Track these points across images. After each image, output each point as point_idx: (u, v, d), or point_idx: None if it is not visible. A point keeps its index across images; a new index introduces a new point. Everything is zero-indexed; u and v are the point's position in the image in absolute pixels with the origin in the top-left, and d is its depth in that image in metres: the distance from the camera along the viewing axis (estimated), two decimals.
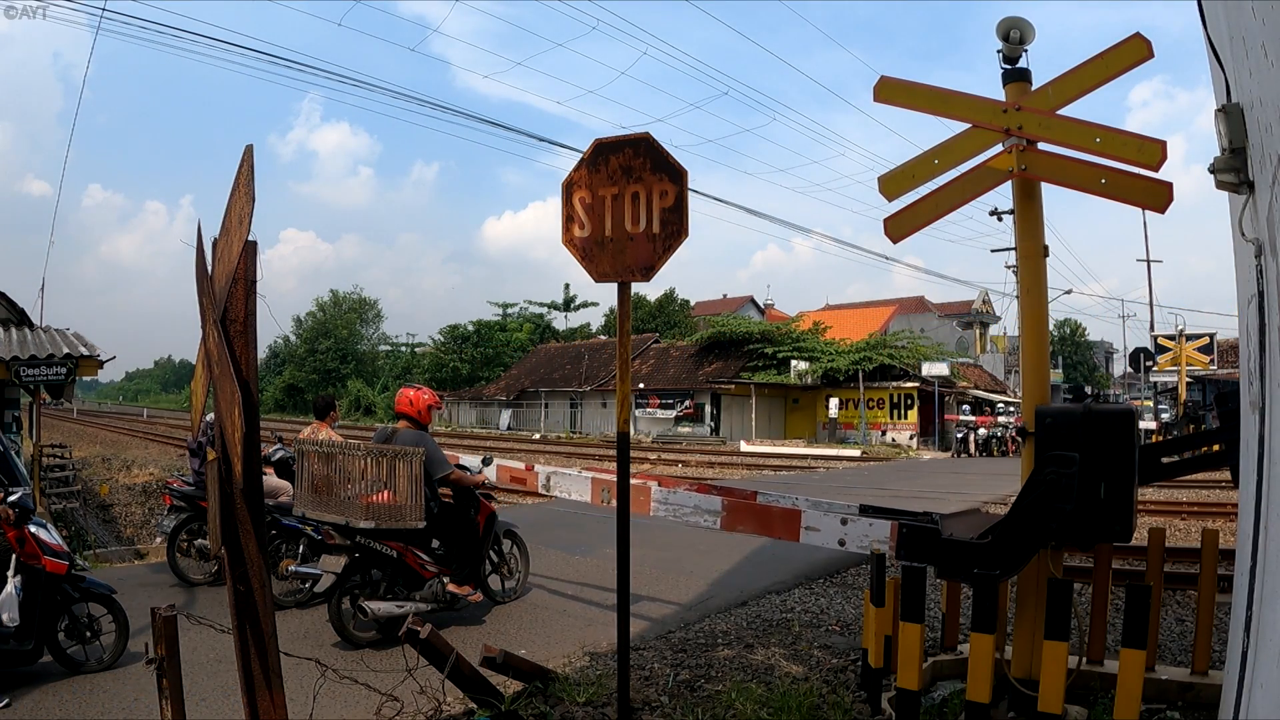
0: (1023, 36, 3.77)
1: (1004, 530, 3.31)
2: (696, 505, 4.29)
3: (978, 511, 4.03)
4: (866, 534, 3.64)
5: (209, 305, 2.48)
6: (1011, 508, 3.38)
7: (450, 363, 53.43)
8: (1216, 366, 27.02)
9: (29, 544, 4.48)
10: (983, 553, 3.27)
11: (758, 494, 4.78)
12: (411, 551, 5.33)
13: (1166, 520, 10.63)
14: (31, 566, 4.49)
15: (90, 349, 10.66)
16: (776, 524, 4.03)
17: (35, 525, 4.56)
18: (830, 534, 3.77)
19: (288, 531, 6.21)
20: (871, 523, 3.64)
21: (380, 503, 5.11)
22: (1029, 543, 3.30)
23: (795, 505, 4.26)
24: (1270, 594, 1.99)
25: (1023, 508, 3.27)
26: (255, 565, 2.40)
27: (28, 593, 4.45)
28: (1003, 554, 3.25)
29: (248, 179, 2.37)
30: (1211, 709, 3.73)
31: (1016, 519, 3.30)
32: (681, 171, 3.64)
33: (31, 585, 4.48)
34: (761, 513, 4.21)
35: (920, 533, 3.47)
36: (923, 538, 3.45)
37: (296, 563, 5.97)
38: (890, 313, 46.60)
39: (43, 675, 4.49)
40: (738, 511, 4.18)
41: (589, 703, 4.01)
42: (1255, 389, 2.29)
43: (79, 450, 25.26)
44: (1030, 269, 3.80)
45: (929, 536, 3.44)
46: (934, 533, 3.44)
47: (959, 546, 3.32)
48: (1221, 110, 2.34)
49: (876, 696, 4.00)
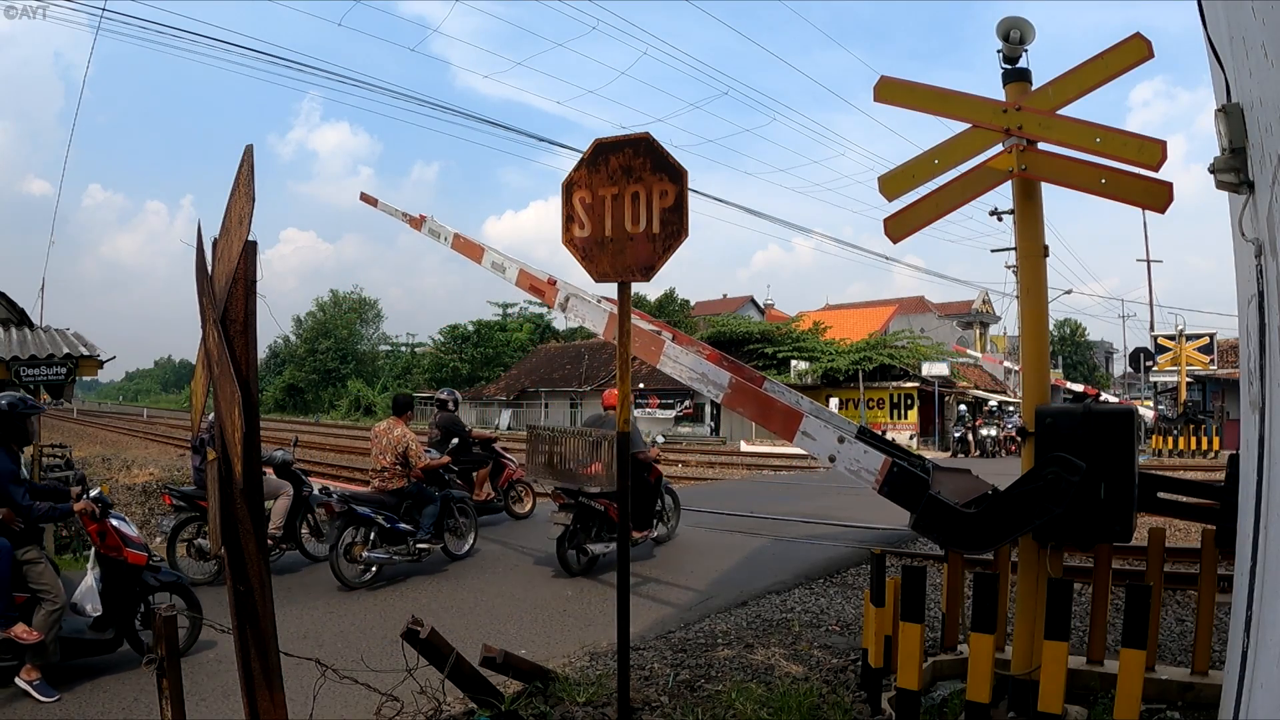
0: (1023, 36, 3.77)
1: (989, 510, 3.32)
2: (705, 374, 4.18)
3: (970, 473, 4.02)
4: (859, 460, 3.59)
5: (209, 305, 2.48)
6: (1004, 492, 3.40)
7: (450, 363, 53.43)
8: (1216, 366, 27.00)
9: (110, 536, 4.68)
10: (962, 523, 3.29)
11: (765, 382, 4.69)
12: (613, 506, 7.03)
13: (1166, 520, 10.61)
14: (112, 558, 4.67)
15: (90, 349, 10.65)
16: (776, 417, 3.95)
17: (115, 519, 4.77)
18: (824, 447, 3.71)
19: (361, 519, 6.77)
20: (866, 450, 3.61)
21: (595, 473, 6.97)
22: (1008, 530, 3.32)
23: (798, 407, 4.16)
24: (1270, 594, 1.99)
25: (1014, 496, 3.29)
26: (255, 565, 2.40)
27: (108, 583, 4.65)
28: (981, 532, 3.27)
29: (248, 179, 2.37)
30: (1211, 709, 3.73)
31: (1005, 505, 3.32)
32: (681, 171, 3.64)
33: (112, 576, 4.68)
34: (764, 402, 4.09)
35: (909, 477, 3.45)
36: (909, 483, 3.44)
37: (367, 548, 6.77)
38: (890, 313, 46.57)
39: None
40: (743, 393, 4.09)
41: (589, 703, 4.01)
42: (1255, 389, 2.29)
43: (79, 450, 25.25)
44: (1030, 269, 3.79)
45: (916, 485, 3.43)
46: (922, 483, 3.42)
47: (942, 508, 3.31)
48: (1221, 110, 2.34)
49: (876, 696, 4.00)
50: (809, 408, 4.31)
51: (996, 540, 3.38)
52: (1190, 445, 23.90)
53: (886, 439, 4.22)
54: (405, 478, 7.22)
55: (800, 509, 11.38)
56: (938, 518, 3.33)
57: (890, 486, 3.47)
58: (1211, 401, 27.66)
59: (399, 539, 6.97)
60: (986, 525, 3.28)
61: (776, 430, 3.93)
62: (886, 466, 3.49)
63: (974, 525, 3.28)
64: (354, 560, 6.70)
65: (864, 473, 3.58)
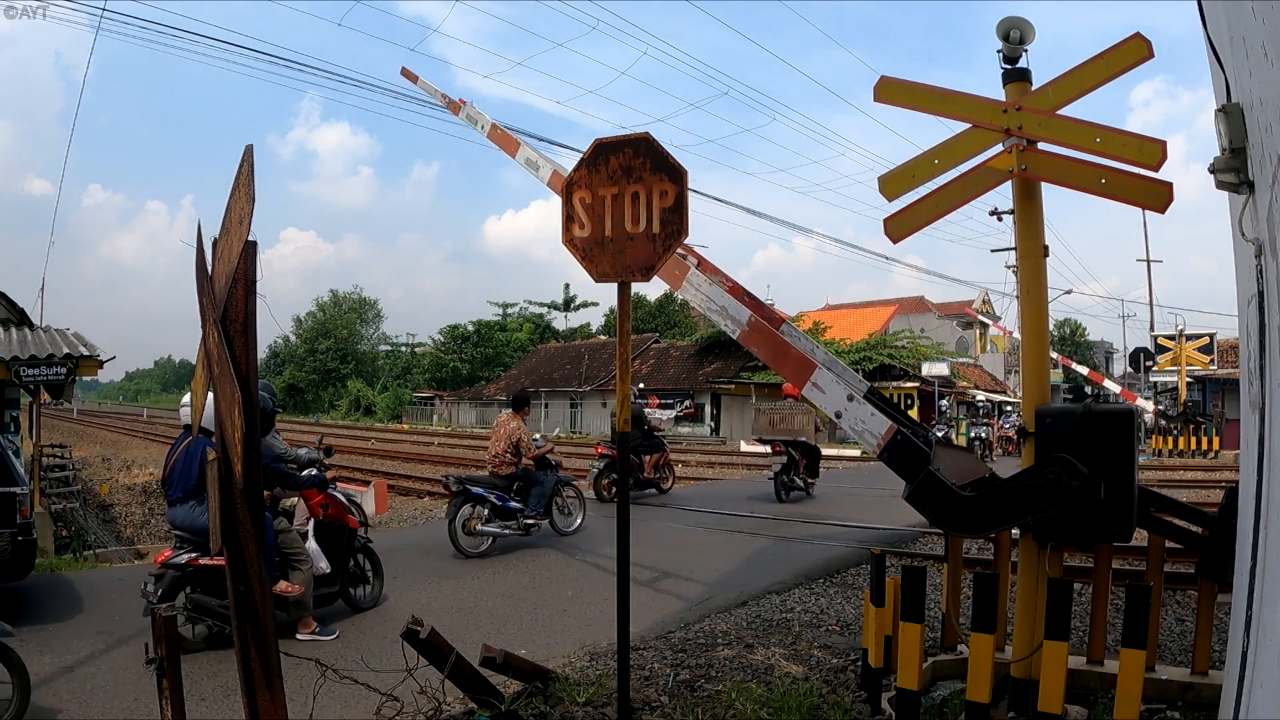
0: (1023, 36, 3.77)
1: (985, 496, 3.36)
2: (725, 307, 4.12)
3: (972, 455, 4.03)
4: (864, 421, 3.58)
5: (209, 305, 2.47)
6: (1004, 482, 3.41)
7: (450, 363, 53.45)
8: (1216, 366, 27.00)
9: (332, 506, 5.69)
10: (955, 504, 3.31)
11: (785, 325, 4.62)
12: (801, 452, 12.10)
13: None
14: (333, 524, 5.69)
15: (90, 349, 10.65)
16: (789, 363, 3.91)
17: (334, 490, 5.77)
18: (833, 402, 3.69)
19: (476, 498, 7.95)
20: (873, 413, 3.60)
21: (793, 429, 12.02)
22: (999, 520, 3.37)
23: (813, 357, 4.09)
24: (1270, 594, 1.99)
25: (1012, 489, 3.30)
26: (255, 565, 2.39)
27: (332, 544, 5.66)
28: (971, 516, 3.31)
29: (248, 179, 2.36)
30: (1211, 709, 3.73)
31: (1001, 494, 3.34)
32: (681, 171, 3.64)
33: (334, 538, 5.68)
34: (780, 346, 4.03)
35: (910, 447, 3.45)
36: (910, 453, 3.44)
37: (482, 523, 7.96)
38: (890, 313, 46.55)
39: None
40: (760, 333, 4.03)
41: (589, 703, 4.01)
42: (1255, 389, 2.29)
43: (79, 450, 25.25)
44: (1030, 269, 3.79)
45: (916, 456, 3.42)
46: (923, 455, 3.42)
47: (938, 485, 3.33)
48: (1221, 110, 2.34)
49: (876, 696, 4.00)
50: (823, 358, 4.24)
51: (985, 527, 3.42)
52: (1190, 445, 23.90)
53: (896, 405, 4.14)
54: (515, 465, 8.35)
55: (800, 509, 11.38)
56: (932, 493, 3.34)
57: (891, 453, 3.47)
58: (1211, 401, 27.64)
59: (509, 515, 8.10)
60: (978, 510, 3.31)
61: (787, 376, 3.88)
62: (891, 433, 3.48)
63: (966, 508, 3.30)
64: (471, 534, 7.84)
65: (867, 434, 3.57)
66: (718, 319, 4.17)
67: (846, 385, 3.83)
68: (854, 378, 4.33)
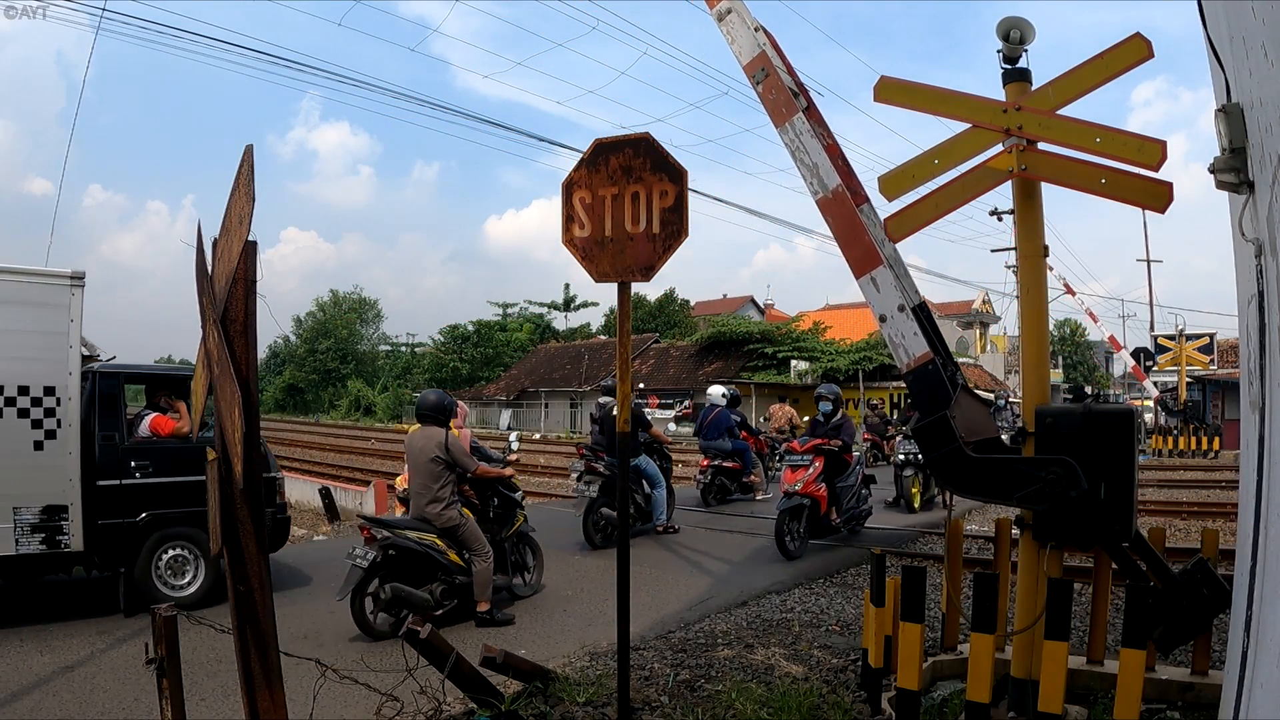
0: (1023, 36, 3.77)
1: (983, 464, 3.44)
2: (817, 164, 3.95)
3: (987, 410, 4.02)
4: (904, 335, 3.58)
5: (209, 305, 2.47)
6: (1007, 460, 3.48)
7: (450, 363, 53.39)
8: (1216, 366, 26.98)
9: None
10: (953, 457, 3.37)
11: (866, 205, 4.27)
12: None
13: (1166, 520, 10.62)
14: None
15: (90, 349, 10.63)
16: (857, 248, 3.80)
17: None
18: (884, 305, 3.68)
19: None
20: (916, 332, 3.58)
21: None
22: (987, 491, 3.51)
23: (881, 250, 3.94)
24: (1270, 594, 1.99)
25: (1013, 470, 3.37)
26: (255, 565, 2.40)
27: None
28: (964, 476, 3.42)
29: (248, 179, 2.37)
30: (1211, 709, 3.73)
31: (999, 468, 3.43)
32: (681, 171, 3.64)
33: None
34: (855, 227, 3.89)
35: (937, 383, 3.47)
36: (934, 388, 3.47)
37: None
38: None
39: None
40: (841, 204, 3.90)
41: (589, 703, 4.01)
42: (1255, 389, 2.29)
43: None
44: (1030, 269, 3.79)
45: (939, 393, 3.46)
46: (946, 395, 3.45)
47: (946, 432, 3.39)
48: (1221, 110, 2.34)
49: (876, 696, 4.00)
50: (889, 254, 4.04)
51: (971, 492, 3.49)
52: (1190, 445, 23.87)
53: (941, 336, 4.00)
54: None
55: None
56: (938, 437, 3.37)
57: (917, 379, 3.46)
58: (1211, 401, 27.63)
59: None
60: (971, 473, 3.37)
61: (851, 260, 3.78)
62: (925, 359, 3.47)
63: (961, 466, 3.35)
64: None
65: (901, 350, 3.55)
66: (805, 174, 3.98)
67: (902, 294, 3.76)
68: (912, 286, 4.09)
